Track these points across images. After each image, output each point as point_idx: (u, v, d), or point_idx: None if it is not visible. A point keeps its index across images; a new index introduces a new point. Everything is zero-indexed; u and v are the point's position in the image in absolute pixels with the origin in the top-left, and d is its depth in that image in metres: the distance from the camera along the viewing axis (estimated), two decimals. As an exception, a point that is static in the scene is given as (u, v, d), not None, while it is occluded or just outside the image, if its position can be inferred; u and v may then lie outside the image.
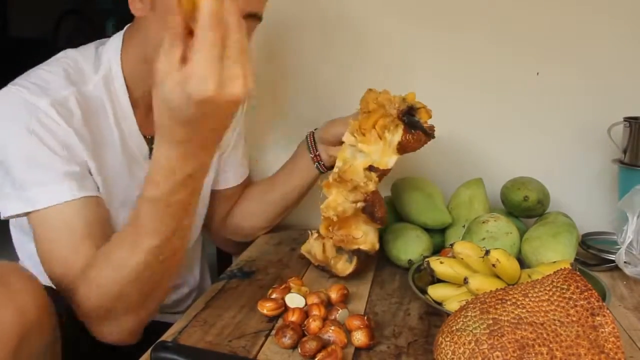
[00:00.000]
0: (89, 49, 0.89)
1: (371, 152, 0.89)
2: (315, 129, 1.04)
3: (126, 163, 0.89)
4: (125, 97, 0.87)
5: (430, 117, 0.91)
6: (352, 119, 0.93)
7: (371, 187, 0.88)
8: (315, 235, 0.95)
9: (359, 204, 0.88)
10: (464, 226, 1.01)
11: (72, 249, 0.75)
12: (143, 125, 0.90)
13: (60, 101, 0.80)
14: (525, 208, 1.05)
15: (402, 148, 0.90)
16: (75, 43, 0.91)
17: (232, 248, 1.24)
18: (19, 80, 0.82)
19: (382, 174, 0.90)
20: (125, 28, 0.90)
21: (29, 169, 0.77)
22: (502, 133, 1.21)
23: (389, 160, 0.89)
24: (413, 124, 0.89)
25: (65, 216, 0.76)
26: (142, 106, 0.89)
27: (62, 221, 0.76)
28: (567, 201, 1.16)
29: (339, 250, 0.92)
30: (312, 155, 1.03)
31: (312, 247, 0.95)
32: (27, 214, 0.77)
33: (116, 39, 0.89)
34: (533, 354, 0.55)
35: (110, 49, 0.87)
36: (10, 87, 0.80)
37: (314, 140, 1.03)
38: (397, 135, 0.89)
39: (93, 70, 0.86)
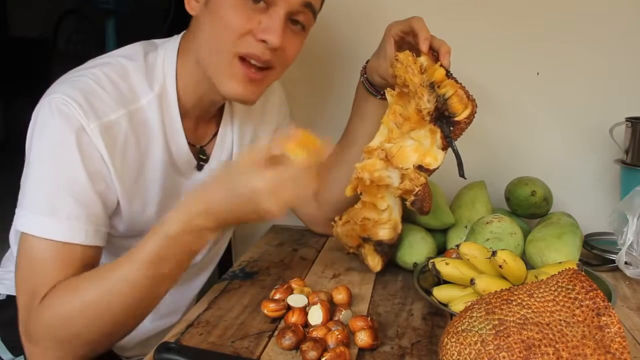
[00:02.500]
0: (137, 55, 0.83)
1: (420, 138, 0.87)
2: (364, 72, 0.98)
3: (170, 180, 0.88)
4: (176, 111, 0.84)
5: (463, 103, 0.84)
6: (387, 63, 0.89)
7: (422, 180, 0.86)
8: (340, 222, 0.95)
9: (410, 198, 0.87)
10: (466, 227, 1.01)
11: (44, 283, 0.72)
12: (191, 136, 0.88)
13: (108, 126, 0.76)
14: (532, 204, 1.05)
15: (444, 146, 0.87)
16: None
17: None
18: (68, 89, 0.75)
19: (433, 171, 0.88)
20: (180, 36, 0.86)
21: (41, 190, 0.74)
22: (503, 134, 1.21)
23: (437, 155, 0.86)
24: (446, 133, 0.85)
25: (51, 252, 0.73)
26: (192, 116, 0.88)
27: (45, 255, 0.73)
28: (570, 201, 1.16)
29: (366, 240, 0.92)
30: (380, 97, 0.96)
31: (340, 236, 0.96)
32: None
33: (171, 49, 0.84)
34: (539, 354, 0.55)
35: (167, 61, 0.83)
36: (60, 98, 0.74)
37: (371, 83, 0.97)
38: (437, 136, 0.86)
39: (147, 84, 0.81)
